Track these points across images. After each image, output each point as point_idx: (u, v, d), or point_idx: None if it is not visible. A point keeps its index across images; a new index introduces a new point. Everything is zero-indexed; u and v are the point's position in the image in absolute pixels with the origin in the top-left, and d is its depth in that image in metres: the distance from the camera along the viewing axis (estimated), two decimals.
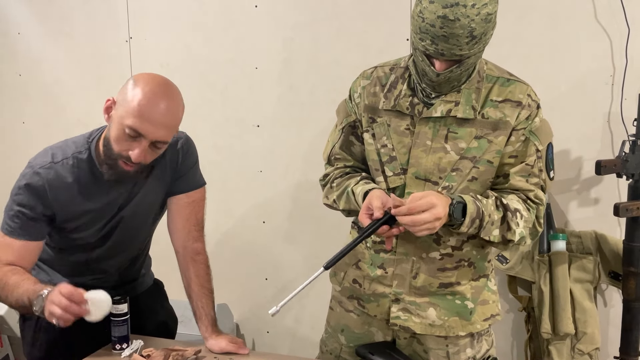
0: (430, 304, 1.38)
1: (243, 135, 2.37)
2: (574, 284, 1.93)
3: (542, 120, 1.35)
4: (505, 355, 2.18)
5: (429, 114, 1.32)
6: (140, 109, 1.27)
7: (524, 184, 1.32)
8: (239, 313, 2.47)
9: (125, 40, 2.45)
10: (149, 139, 1.29)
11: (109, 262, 1.53)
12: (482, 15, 1.16)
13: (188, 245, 1.52)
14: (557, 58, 1.97)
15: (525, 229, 1.31)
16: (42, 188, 1.35)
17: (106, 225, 1.45)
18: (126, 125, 1.28)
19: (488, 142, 1.31)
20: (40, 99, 2.63)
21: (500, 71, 1.36)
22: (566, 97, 1.98)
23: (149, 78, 1.33)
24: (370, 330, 1.46)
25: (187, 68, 2.38)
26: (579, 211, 2.03)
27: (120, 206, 1.44)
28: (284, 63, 2.25)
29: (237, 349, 1.44)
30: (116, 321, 1.44)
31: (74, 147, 1.41)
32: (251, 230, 2.42)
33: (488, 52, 1.33)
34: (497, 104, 1.31)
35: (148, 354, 1.40)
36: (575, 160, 2.01)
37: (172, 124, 1.34)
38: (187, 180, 1.52)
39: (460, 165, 1.31)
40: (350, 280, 1.47)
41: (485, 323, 1.41)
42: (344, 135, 1.47)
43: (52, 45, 2.60)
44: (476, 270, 1.40)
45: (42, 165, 1.37)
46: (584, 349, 1.92)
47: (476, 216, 1.25)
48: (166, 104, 1.30)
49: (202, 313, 1.49)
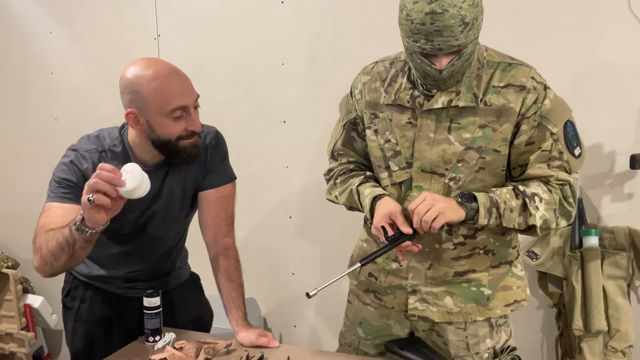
0: (447, 293, 1.38)
1: (269, 131, 2.38)
2: (606, 280, 1.90)
3: (554, 100, 1.30)
4: (535, 351, 2.16)
5: (429, 106, 1.31)
6: (167, 93, 1.32)
7: (543, 170, 1.30)
8: (266, 307, 2.49)
9: (154, 38, 2.48)
10: (191, 105, 1.36)
11: (144, 255, 1.55)
12: (468, 1, 1.16)
13: (218, 240, 1.54)
14: (589, 51, 1.93)
15: (549, 211, 1.28)
16: (86, 169, 1.38)
17: (140, 218, 1.48)
18: (170, 112, 1.33)
19: (493, 130, 1.29)
20: (71, 97, 2.68)
21: (502, 56, 1.34)
22: (599, 91, 1.94)
23: (140, 68, 1.34)
24: (388, 323, 1.47)
25: (214, 65, 2.40)
26: (612, 206, 1.99)
27: (152, 199, 1.47)
28: (309, 59, 2.25)
29: (267, 343, 1.46)
30: (149, 314, 1.47)
31: (109, 140, 1.44)
32: (278, 225, 2.43)
33: (519, 48, 1.31)
34: (499, 90, 1.29)
35: (180, 346, 1.43)
36: (608, 155, 1.97)
37: (189, 81, 1.39)
38: (216, 175, 1.53)
39: (466, 156, 1.30)
40: (366, 274, 1.49)
41: (507, 309, 1.40)
42: (345, 131, 1.48)
43: (82, 44, 2.65)
44: (496, 257, 1.39)
45: (88, 149, 1.42)
46: (617, 346, 1.88)
47: (491, 205, 1.25)
48: (173, 72, 1.35)
49: (233, 307, 1.51)
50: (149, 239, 1.52)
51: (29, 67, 2.76)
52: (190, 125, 1.36)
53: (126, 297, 1.58)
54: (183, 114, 1.34)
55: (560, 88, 1.96)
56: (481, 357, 1.41)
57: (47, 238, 1.26)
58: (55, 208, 1.35)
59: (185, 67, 1.42)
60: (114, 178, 1.14)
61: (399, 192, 1.38)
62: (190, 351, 1.40)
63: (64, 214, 1.32)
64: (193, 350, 1.40)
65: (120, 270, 1.54)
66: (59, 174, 1.39)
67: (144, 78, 1.31)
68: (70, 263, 1.27)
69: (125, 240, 1.50)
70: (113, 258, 1.53)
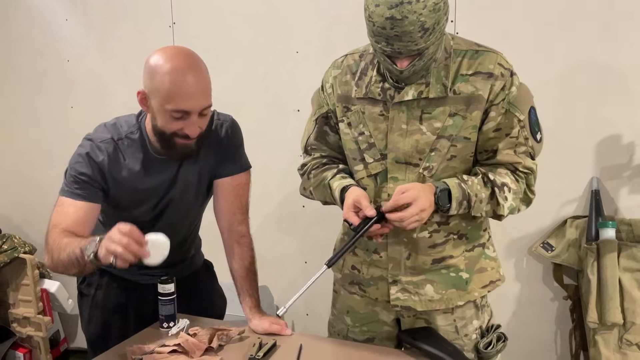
0: (427, 281, 1.40)
1: (284, 119, 2.38)
2: (623, 272, 1.87)
3: (519, 87, 1.32)
4: (549, 344, 2.14)
5: (400, 99, 1.32)
6: (174, 92, 1.29)
7: (511, 157, 1.32)
8: (278, 295, 2.51)
9: (169, 26, 2.48)
10: (196, 112, 1.32)
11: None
12: (429, 7, 1.15)
13: (233, 228, 1.54)
14: (611, 42, 1.89)
15: (515, 200, 1.33)
16: (102, 162, 1.39)
17: (157, 206, 1.49)
18: (169, 111, 1.31)
19: (462, 118, 1.30)
20: (87, 84, 2.70)
21: (468, 44, 1.34)
22: (617, 81, 1.90)
23: (165, 57, 1.31)
24: (374, 310, 1.49)
25: (229, 53, 2.40)
26: (630, 198, 1.96)
27: (168, 187, 1.47)
28: (324, 47, 2.24)
29: (280, 330, 1.47)
30: (163, 300, 1.49)
31: (126, 127, 1.45)
32: (291, 214, 2.43)
33: (543, 32, 1.27)
34: (467, 78, 1.29)
35: (194, 332, 1.44)
36: (627, 146, 1.93)
37: (206, 88, 1.34)
38: (232, 163, 1.53)
39: (438, 145, 1.32)
40: (349, 267, 1.50)
41: (484, 290, 1.42)
42: (317, 126, 1.50)
43: (98, 32, 2.66)
44: (469, 241, 1.41)
45: (103, 140, 1.42)
46: (633, 339, 1.87)
47: (462, 198, 1.28)
48: (193, 74, 1.31)
49: (246, 294, 1.52)
50: (164, 227, 1.52)
51: (45, 55, 2.78)
52: (186, 128, 1.33)
53: (142, 283, 1.59)
54: (184, 116, 1.32)
55: (583, 77, 1.94)
56: (470, 338, 1.42)
57: (58, 246, 1.28)
58: (68, 205, 1.37)
59: (199, 55, 1.41)
60: (139, 250, 1.18)
61: (374, 184, 1.39)
62: (204, 337, 1.41)
63: (76, 211, 1.35)
64: (207, 337, 1.41)
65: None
66: (75, 166, 1.40)
67: (161, 68, 1.30)
68: (80, 273, 1.33)
69: (140, 229, 1.51)
70: None
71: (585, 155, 1.99)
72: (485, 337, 1.43)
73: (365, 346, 1.45)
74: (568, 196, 2.04)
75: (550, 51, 1.97)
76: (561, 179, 2.02)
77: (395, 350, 1.45)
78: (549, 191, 2.03)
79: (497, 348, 1.42)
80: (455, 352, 1.33)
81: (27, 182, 2.91)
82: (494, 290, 1.46)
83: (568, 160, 2.01)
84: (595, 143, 1.97)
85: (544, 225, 2.07)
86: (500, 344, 1.42)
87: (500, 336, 1.44)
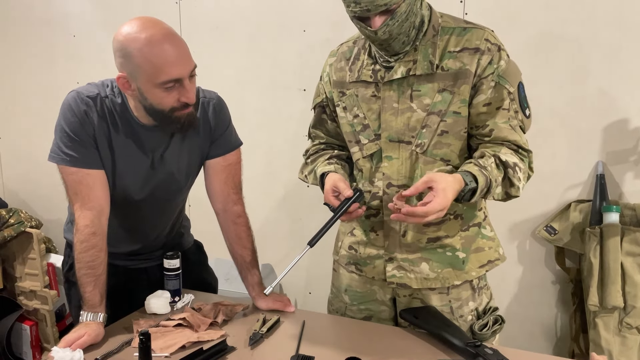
0: (422, 259, 1.41)
1: (290, 98, 2.37)
2: (625, 257, 1.88)
3: (508, 62, 1.32)
4: (550, 326, 2.16)
5: (390, 77, 1.34)
6: (160, 63, 1.23)
7: (509, 131, 1.32)
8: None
9: (175, 2, 2.46)
10: (186, 76, 1.28)
11: (152, 225, 1.55)
12: None
13: (228, 208, 1.52)
14: (619, 23, 1.87)
15: (525, 180, 1.34)
16: (88, 114, 1.34)
17: (147, 183, 1.44)
18: (161, 83, 1.25)
19: (450, 93, 1.31)
20: (93, 60, 2.69)
21: (457, 21, 1.35)
22: (625, 65, 1.89)
23: (134, 33, 1.24)
24: (372, 288, 1.50)
25: (235, 30, 2.38)
26: (634, 183, 1.96)
27: (157, 163, 1.43)
28: (332, 26, 2.22)
29: (284, 307, 1.49)
30: (169, 275, 1.51)
31: (110, 90, 1.38)
32: (295, 193, 2.44)
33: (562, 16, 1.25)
34: (455, 55, 1.30)
35: (199, 307, 1.46)
36: (634, 131, 1.93)
37: (187, 48, 1.29)
38: (223, 143, 1.49)
39: (428, 122, 1.33)
40: (346, 248, 1.52)
41: (482, 270, 1.43)
42: (316, 114, 1.54)
43: (104, 7, 2.64)
44: (464, 221, 1.41)
45: (90, 94, 1.36)
46: (633, 322, 1.88)
47: (485, 186, 1.26)
48: (169, 40, 1.25)
49: (248, 273, 1.52)
50: (159, 206, 1.50)
51: (52, 29, 2.77)
52: (183, 96, 1.28)
53: (131, 268, 1.57)
54: (176, 84, 1.27)
55: (593, 60, 1.92)
56: (465, 320, 1.43)
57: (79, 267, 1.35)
58: (79, 181, 1.35)
59: (206, 32, 1.39)
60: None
61: (371, 164, 1.41)
62: (209, 313, 1.43)
63: (94, 182, 1.35)
64: (211, 312, 1.43)
65: (124, 246, 1.53)
66: (70, 126, 1.35)
67: (136, 42, 1.23)
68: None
69: (129, 211, 1.46)
70: (116, 236, 1.47)
71: (591, 139, 1.98)
72: (482, 318, 1.44)
73: (365, 323, 1.47)
74: (573, 180, 2.03)
75: (559, 34, 1.95)
76: (566, 162, 2.02)
77: (395, 327, 1.46)
78: (554, 175, 2.04)
79: (493, 329, 1.42)
80: (456, 330, 1.34)
81: (34, 157, 2.93)
82: (496, 272, 1.46)
83: (574, 144, 2.01)
84: (602, 127, 1.96)
85: (548, 209, 2.08)
86: (496, 326, 1.42)
87: (497, 319, 1.44)
